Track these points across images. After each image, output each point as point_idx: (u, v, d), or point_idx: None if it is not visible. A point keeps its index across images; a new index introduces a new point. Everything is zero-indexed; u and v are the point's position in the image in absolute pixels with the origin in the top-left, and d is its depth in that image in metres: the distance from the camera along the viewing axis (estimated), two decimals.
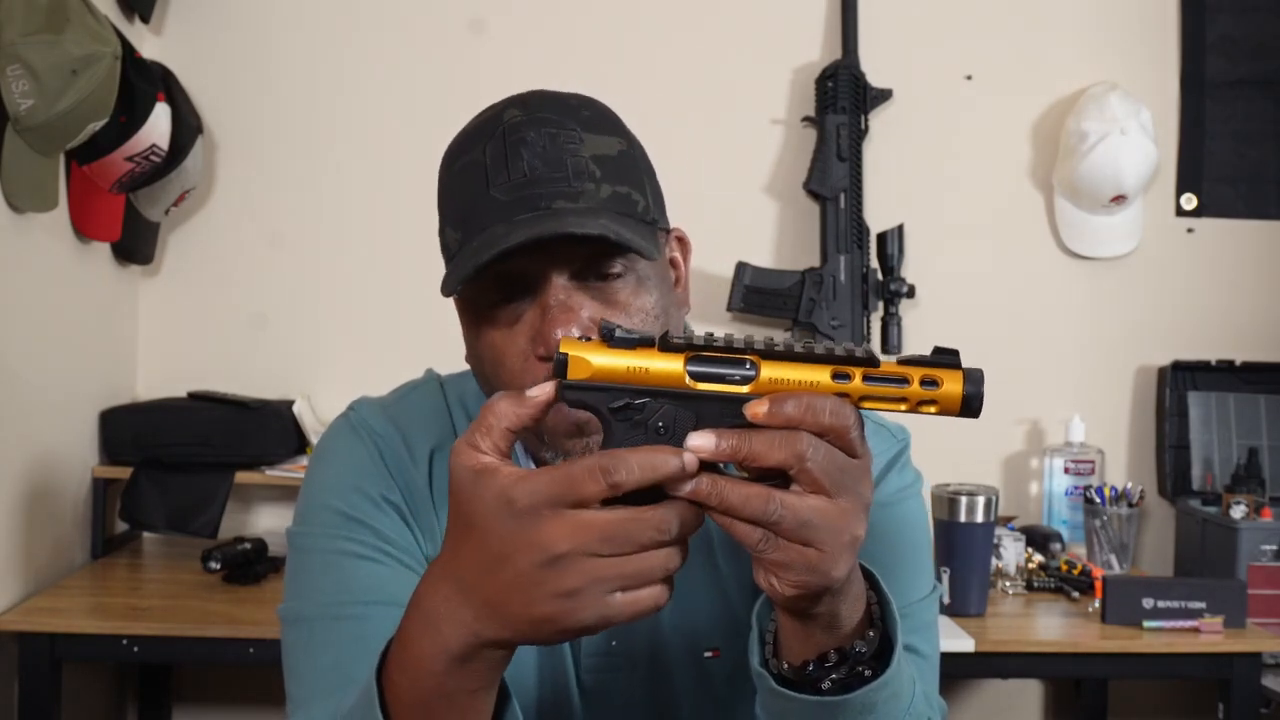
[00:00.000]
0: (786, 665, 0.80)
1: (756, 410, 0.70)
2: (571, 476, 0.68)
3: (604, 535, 0.68)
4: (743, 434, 0.70)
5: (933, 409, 0.74)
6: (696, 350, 0.73)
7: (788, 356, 0.73)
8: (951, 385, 0.74)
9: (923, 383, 0.73)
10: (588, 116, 0.94)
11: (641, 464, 0.68)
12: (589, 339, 0.74)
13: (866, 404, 0.73)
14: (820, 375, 0.73)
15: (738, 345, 0.73)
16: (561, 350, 0.73)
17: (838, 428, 0.70)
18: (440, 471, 1.02)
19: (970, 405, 0.74)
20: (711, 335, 0.74)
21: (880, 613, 0.81)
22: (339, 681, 0.89)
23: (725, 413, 0.73)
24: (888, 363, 0.74)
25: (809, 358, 0.73)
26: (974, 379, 0.74)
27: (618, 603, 0.68)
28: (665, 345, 0.73)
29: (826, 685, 0.79)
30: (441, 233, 0.95)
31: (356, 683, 0.83)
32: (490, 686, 0.77)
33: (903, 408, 0.74)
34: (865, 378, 0.73)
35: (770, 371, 0.73)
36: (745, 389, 0.73)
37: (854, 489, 0.71)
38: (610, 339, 0.73)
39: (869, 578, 0.81)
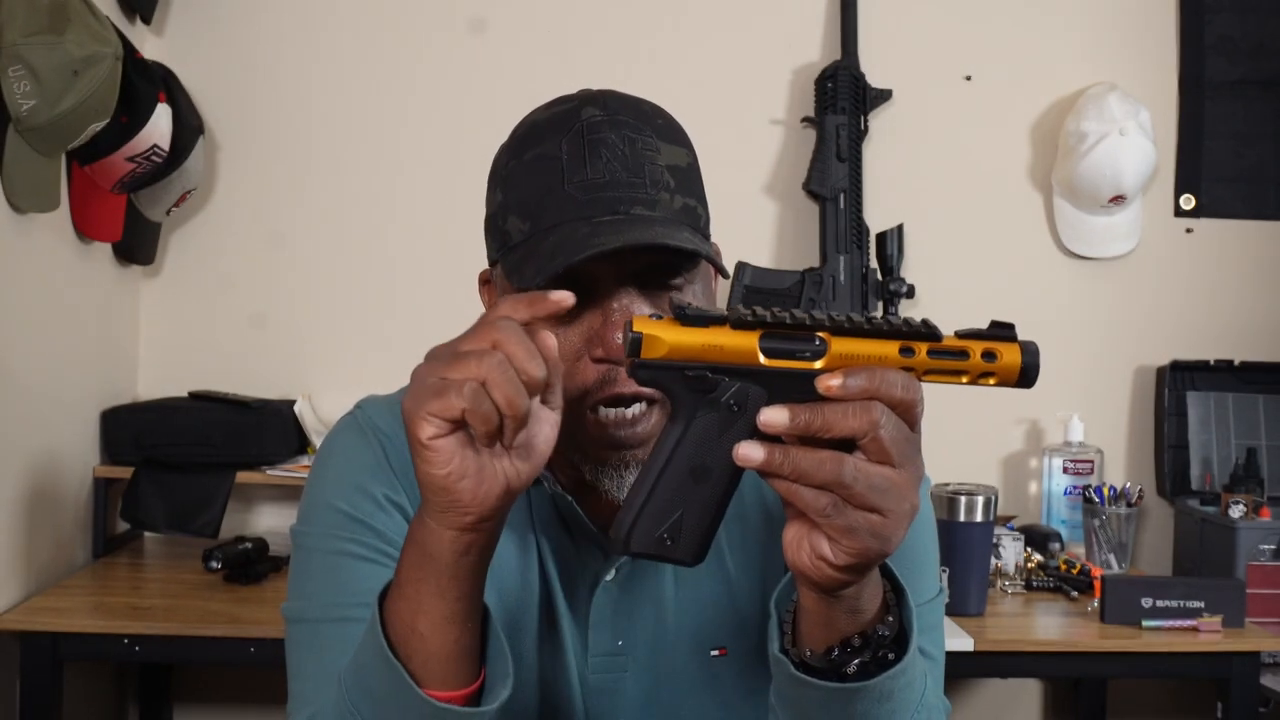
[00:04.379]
0: (809, 652, 0.81)
1: (830, 384, 0.72)
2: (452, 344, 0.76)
3: (438, 354, 0.76)
4: (814, 407, 0.71)
5: (991, 380, 0.77)
6: (769, 327, 0.74)
7: (856, 331, 0.75)
8: (1010, 357, 0.76)
9: (983, 355, 0.76)
10: (662, 125, 0.96)
11: (513, 306, 0.77)
12: (661, 317, 0.74)
13: (929, 377, 0.76)
14: (888, 349, 0.75)
15: (808, 322, 0.75)
16: (635, 329, 0.73)
17: (907, 400, 0.72)
18: None
19: (1028, 375, 0.76)
20: (777, 311, 0.75)
21: (895, 600, 0.82)
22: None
23: (795, 388, 0.73)
24: (948, 336, 0.76)
25: (876, 332, 0.75)
26: (1030, 350, 0.76)
27: (427, 389, 0.74)
28: (738, 323, 0.74)
29: (852, 669, 0.79)
30: (500, 218, 0.96)
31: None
32: (460, 590, 0.80)
33: (964, 380, 0.77)
34: (930, 352, 0.75)
35: (840, 347, 0.74)
36: (817, 364, 0.74)
37: (915, 460, 0.73)
38: (684, 317, 0.74)
39: (881, 566, 0.81)
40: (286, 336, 2.54)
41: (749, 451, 0.72)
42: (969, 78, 2.60)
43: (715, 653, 1.01)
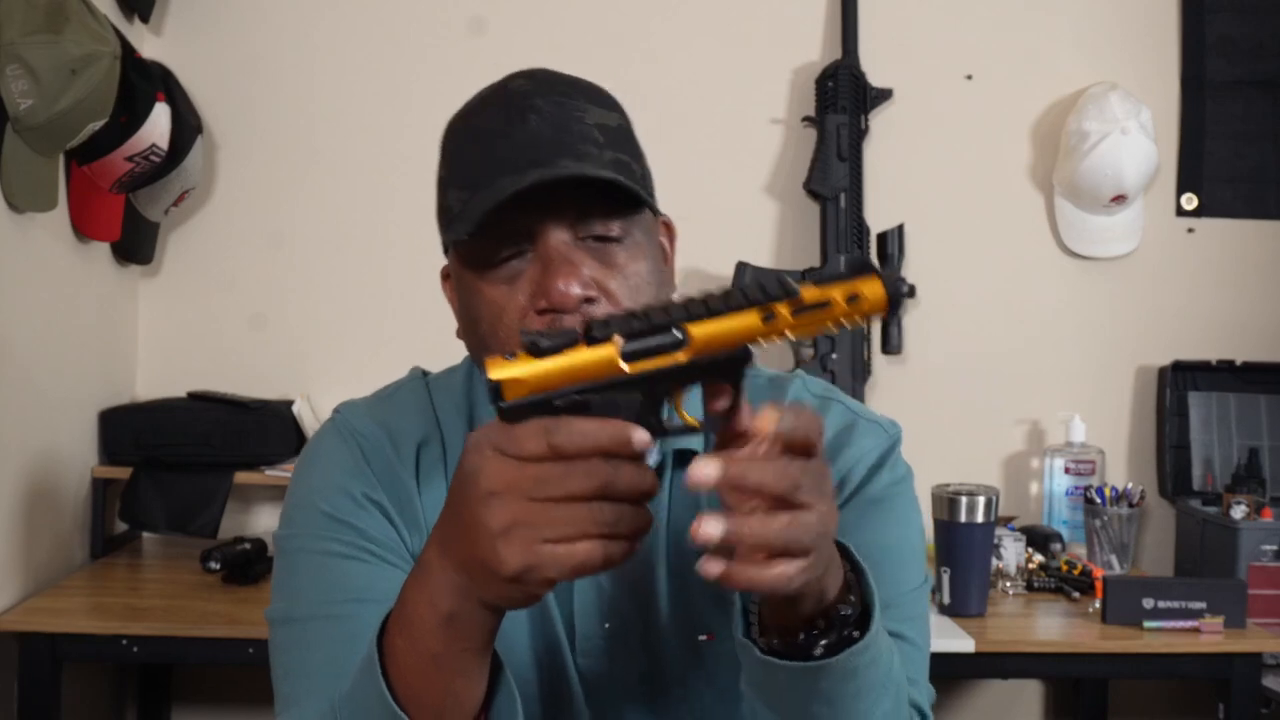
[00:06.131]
0: (776, 640, 0.81)
1: (703, 479, 0.70)
2: (516, 431, 0.70)
3: (535, 477, 0.69)
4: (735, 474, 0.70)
5: (860, 319, 0.75)
6: (623, 333, 0.73)
7: (713, 311, 0.73)
8: (873, 292, 0.75)
9: (847, 300, 0.74)
10: (589, 90, 0.98)
11: (585, 430, 0.69)
12: (513, 355, 0.72)
13: (798, 333, 0.74)
14: (749, 320, 0.73)
15: (660, 318, 0.73)
16: (491, 377, 0.71)
17: (781, 482, 0.71)
18: (427, 465, 1.02)
19: (895, 306, 0.75)
20: (633, 313, 0.74)
21: (855, 579, 0.82)
22: (330, 679, 0.90)
23: (669, 387, 0.73)
24: (807, 288, 0.74)
25: (735, 306, 0.73)
26: (891, 279, 0.75)
27: (546, 552, 0.69)
28: (591, 338, 0.73)
29: (818, 651, 0.79)
30: (444, 197, 0.97)
31: (341, 679, 0.85)
32: (480, 650, 0.79)
33: (833, 328, 0.75)
34: (794, 311, 0.74)
35: (701, 331, 0.73)
36: (682, 357, 0.73)
37: (817, 491, 0.72)
38: (536, 349, 0.72)
39: (840, 547, 0.81)
40: (285, 337, 2.54)
41: (708, 529, 0.71)
42: (970, 77, 2.60)
43: (703, 638, 1.01)
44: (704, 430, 0.76)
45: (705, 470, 0.70)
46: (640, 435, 0.70)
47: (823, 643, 0.80)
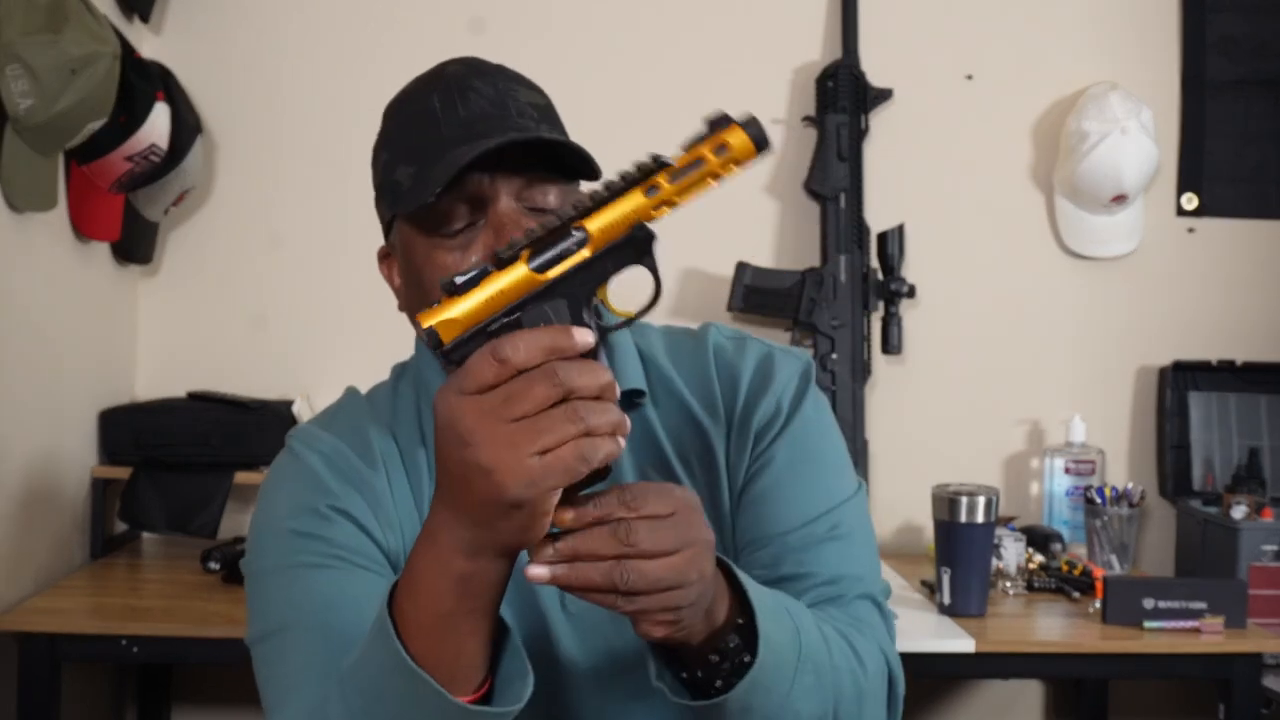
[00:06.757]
0: (684, 675, 0.87)
1: (538, 579, 0.77)
2: (468, 366, 0.73)
3: (502, 397, 0.72)
4: (571, 567, 0.77)
5: (735, 167, 0.80)
6: (528, 248, 0.78)
7: (602, 202, 0.79)
8: (737, 139, 0.79)
9: (716, 152, 0.79)
10: (515, 74, 1.05)
11: (527, 340, 0.73)
12: (437, 302, 0.77)
13: (684, 196, 0.79)
14: (636, 200, 0.79)
15: (556, 224, 0.78)
16: (423, 325, 0.76)
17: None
18: (389, 464, 1.06)
19: (760, 145, 0.80)
20: (530, 230, 0.79)
21: (738, 604, 0.86)
22: (309, 677, 0.91)
23: (589, 285, 0.78)
24: (677, 155, 0.80)
25: (619, 191, 0.79)
26: (749, 122, 0.80)
27: (538, 465, 0.71)
28: (499, 262, 0.78)
29: (718, 685, 0.85)
30: (388, 174, 1.02)
31: (329, 677, 0.87)
32: (490, 610, 0.81)
33: (714, 182, 0.80)
34: (671, 178, 0.79)
35: (597, 224, 0.78)
36: (587, 252, 0.78)
37: (681, 537, 0.78)
38: (453, 288, 0.77)
39: (722, 565, 0.86)
40: (285, 337, 2.54)
41: (536, 572, 0.77)
42: (970, 77, 2.59)
43: None
44: (636, 318, 0.83)
45: (535, 572, 0.76)
46: (580, 331, 0.74)
47: (718, 679, 0.85)
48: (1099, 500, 2.34)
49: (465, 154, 0.94)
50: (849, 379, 2.44)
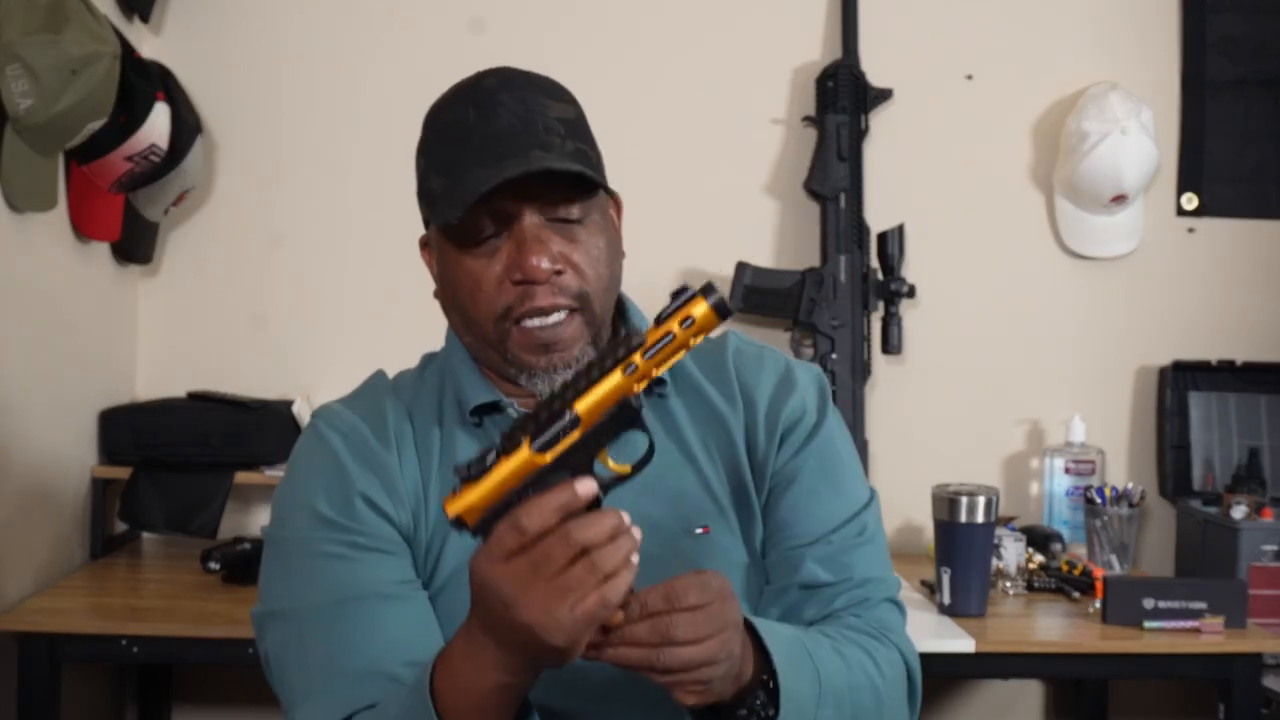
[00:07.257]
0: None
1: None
2: (496, 536, 0.85)
3: (532, 563, 0.83)
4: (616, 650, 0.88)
5: (701, 336, 0.89)
6: (527, 433, 0.87)
7: (587, 385, 0.88)
8: (701, 311, 0.88)
9: (682, 325, 0.88)
10: (549, 86, 1.11)
11: (540, 506, 0.84)
12: (455, 489, 0.88)
13: (660, 368, 0.88)
14: (616, 379, 0.88)
15: (551, 410, 0.88)
16: (449, 513, 0.87)
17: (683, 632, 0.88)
18: (402, 443, 1.12)
19: (722, 311, 0.88)
20: (525, 417, 0.89)
21: (764, 661, 0.95)
22: (332, 675, 1.00)
23: (585, 456, 0.88)
24: (651, 330, 0.89)
25: (601, 373, 0.88)
26: (709, 290, 0.88)
27: (570, 619, 0.82)
28: (504, 449, 0.88)
29: None
30: (424, 180, 1.11)
31: (347, 676, 0.99)
32: (519, 701, 0.92)
33: (684, 352, 0.89)
34: (645, 355, 0.88)
35: (585, 406, 0.88)
36: (578, 433, 0.88)
37: (708, 628, 0.88)
38: (467, 476, 0.88)
39: (748, 626, 0.96)
40: (285, 336, 2.53)
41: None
42: (970, 77, 2.59)
43: (700, 530, 1.13)
44: (633, 472, 0.92)
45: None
46: (582, 484, 0.85)
47: None
48: (1099, 500, 2.34)
49: (489, 178, 1.01)
50: (849, 379, 2.44)
